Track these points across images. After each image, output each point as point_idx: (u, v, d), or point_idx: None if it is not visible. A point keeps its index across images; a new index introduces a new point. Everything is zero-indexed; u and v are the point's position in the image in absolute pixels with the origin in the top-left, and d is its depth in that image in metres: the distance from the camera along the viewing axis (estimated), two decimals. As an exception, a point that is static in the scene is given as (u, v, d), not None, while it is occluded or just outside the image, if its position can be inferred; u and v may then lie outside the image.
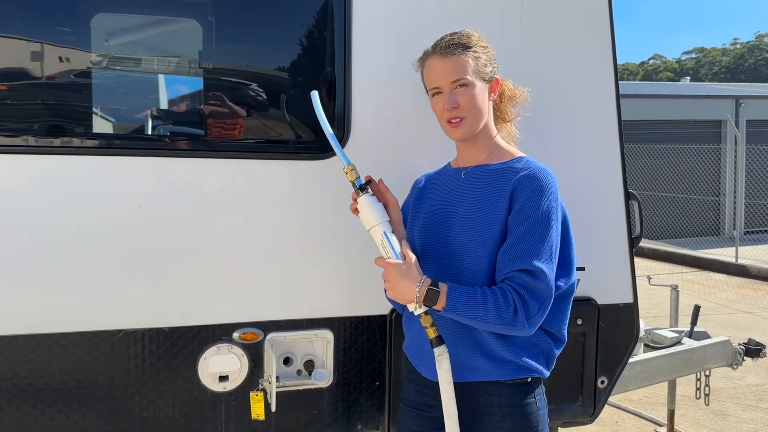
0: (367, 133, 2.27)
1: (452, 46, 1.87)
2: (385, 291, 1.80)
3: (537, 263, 1.72)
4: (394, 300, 1.80)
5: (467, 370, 1.82)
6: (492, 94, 1.93)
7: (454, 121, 1.87)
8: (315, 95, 1.98)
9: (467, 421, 1.82)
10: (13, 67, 2.05)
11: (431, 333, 1.75)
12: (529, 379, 1.82)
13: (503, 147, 1.94)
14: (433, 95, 1.90)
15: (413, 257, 1.79)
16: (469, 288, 1.74)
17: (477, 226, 1.81)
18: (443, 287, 1.73)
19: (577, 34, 2.46)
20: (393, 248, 1.79)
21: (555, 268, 1.77)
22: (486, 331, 1.79)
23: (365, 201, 1.85)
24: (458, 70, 1.86)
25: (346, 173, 1.88)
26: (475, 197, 1.85)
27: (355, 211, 1.92)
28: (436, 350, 1.75)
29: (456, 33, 1.90)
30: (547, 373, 1.88)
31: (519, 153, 1.93)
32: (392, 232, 1.85)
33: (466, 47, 1.87)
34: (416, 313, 1.76)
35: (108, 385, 2.11)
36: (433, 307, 1.74)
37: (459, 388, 1.80)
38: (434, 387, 1.83)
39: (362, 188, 1.86)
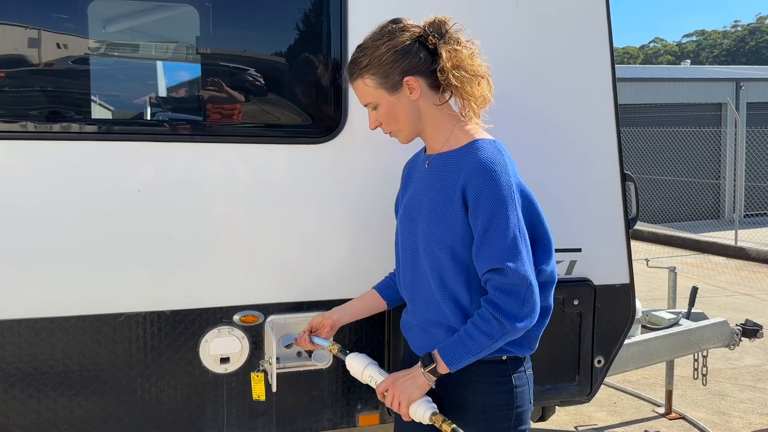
0: (363, 117, 2.28)
1: (350, 71, 1.86)
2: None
3: (503, 260, 1.72)
4: (410, 416, 1.81)
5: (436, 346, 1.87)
6: (413, 93, 1.82)
7: (388, 134, 1.91)
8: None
9: (444, 393, 1.86)
10: (11, 54, 2.06)
11: (446, 429, 1.76)
12: (504, 358, 1.83)
13: (460, 130, 1.86)
14: None
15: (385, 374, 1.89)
16: (454, 337, 1.78)
17: (437, 227, 1.82)
18: (436, 357, 1.78)
19: (572, 16, 2.47)
20: (379, 375, 1.90)
21: (528, 252, 1.76)
22: (458, 314, 1.83)
23: (350, 357, 1.97)
24: (362, 95, 1.87)
25: (331, 350, 2.04)
26: (435, 191, 1.84)
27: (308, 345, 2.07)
28: None
29: (354, 52, 1.86)
30: (527, 352, 1.88)
31: (476, 134, 1.85)
32: (377, 366, 1.93)
33: (361, 68, 1.83)
34: (431, 417, 1.78)
35: (110, 368, 2.14)
36: (443, 373, 1.78)
37: None
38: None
39: (344, 352, 2.00)
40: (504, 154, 1.80)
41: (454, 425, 1.71)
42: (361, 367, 1.93)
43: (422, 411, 1.76)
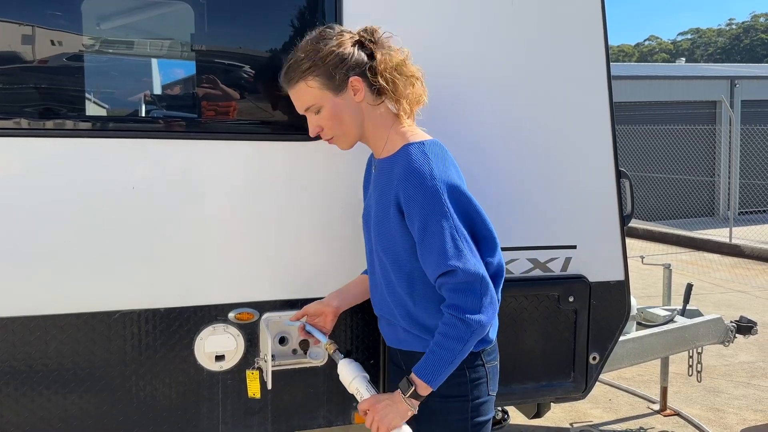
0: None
1: (290, 75, 1.86)
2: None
3: (448, 262, 1.74)
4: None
5: (397, 340, 1.97)
6: (357, 94, 1.84)
7: (329, 141, 1.92)
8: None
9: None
10: (4, 50, 2.05)
11: None
12: None
13: (396, 133, 1.88)
14: None
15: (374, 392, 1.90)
16: (426, 354, 1.80)
17: (382, 235, 1.87)
18: (414, 380, 1.79)
19: (567, 14, 2.47)
20: (366, 391, 1.90)
21: (470, 248, 1.77)
22: (405, 316, 1.88)
23: (343, 363, 1.98)
24: (302, 99, 1.88)
25: (327, 349, 2.03)
26: (377, 200, 1.89)
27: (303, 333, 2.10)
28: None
29: (289, 59, 1.87)
30: (481, 346, 1.89)
31: (411, 136, 1.86)
32: (368, 381, 1.94)
33: (304, 70, 1.83)
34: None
35: (105, 365, 2.13)
36: (425, 394, 1.80)
37: (397, 352, 2.00)
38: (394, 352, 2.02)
39: (343, 354, 2.02)
40: (430, 155, 1.80)
41: None
42: (350, 376, 1.94)
43: None
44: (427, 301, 1.87)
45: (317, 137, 1.98)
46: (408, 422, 1.82)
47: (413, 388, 1.79)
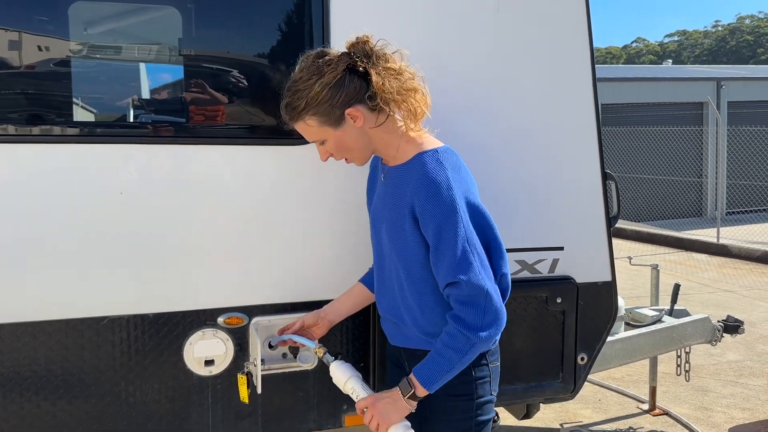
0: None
1: (289, 115, 1.85)
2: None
3: (456, 273, 1.75)
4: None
5: (403, 338, 1.97)
6: (357, 122, 1.81)
7: (343, 161, 1.93)
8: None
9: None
10: (-9, 56, 2.04)
11: None
12: None
13: (407, 142, 1.86)
14: None
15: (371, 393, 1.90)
16: (427, 358, 1.81)
17: (396, 242, 1.86)
18: (413, 382, 1.80)
19: (552, 17, 2.49)
20: (362, 390, 1.91)
21: (480, 260, 1.77)
22: (414, 323, 1.89)
23: (334, 365, 1.98)
24: (307, 134, 1.88)
25: (317, 353, 2.04)
26: (391, 206, 1.88)
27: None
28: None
29: (284, 95, 1.83)
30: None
31: (423, 143, 1.85)
32: (362, 380, 1.95)
33: (299, 111, 1.81)
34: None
35: (94, 371, 2.12)
36: (422, 396, 1.81)
37: (401, 351, 1.99)
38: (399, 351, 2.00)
39: (333, 356, 2.01)
40: (445, 164, 1.79)
41: None
42: (344, 377, 1.95)
43: None
44: (434, 314, 1.88)
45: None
46: (409, 418, 1.84)
47: (413, 390, 1.80)
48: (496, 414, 3.30)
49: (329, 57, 1.81)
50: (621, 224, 11.01)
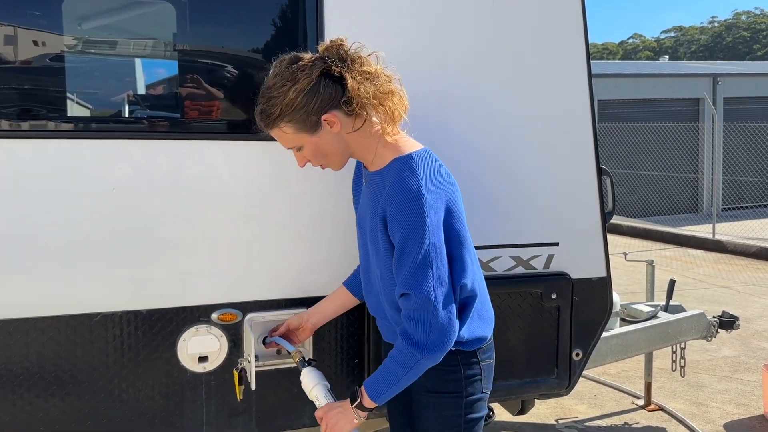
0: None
1: (264, 122, 1.82)
2: None
3: (407, 285, 1.73)
4: None
5: (393, 334, 1.92)
6: (334, 127, 1.78)
7: (319, 167, 1.92)
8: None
9: None
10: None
11: None
12: (453, 349, 1.84)
13: (384, 146, 1.82)
14: None
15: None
16: (377, 370, 1.81)
17: (376, 250, 1.86)
18: (361, 392, 1.80)
19: (548, 13, 2.48)
20: (323, 399, 1.93)
21: (439, 273, 1.72)
22: (395, 313, 1.87)
23: (305, 371, 2.02)
24: (283, 141, 1.86)
25: (293, 357, 2.07)
26: (370, 213, 1.87)
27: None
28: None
29: (261, 102, 1.80)
30: (476, 345, 1.90)
31: (401, 146, 1.81)
32: (328, 390, 1.96)
33: (274, 118, 1.77)
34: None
35: (87, 368, 2.11)
36: (370, 407, 1.81)
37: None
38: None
39: (307, 362, 2.04)
40: (419, 171, 1.75)
41: None
42: (311, 384, 1.97)
43: None
44: None
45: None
46: (399, 416, 1.83)
47: (359, 400, 1.81)
48: (491, 410, 3.29)
49: (303, 62, 1.76)
50: (616, 220, 11.02)
